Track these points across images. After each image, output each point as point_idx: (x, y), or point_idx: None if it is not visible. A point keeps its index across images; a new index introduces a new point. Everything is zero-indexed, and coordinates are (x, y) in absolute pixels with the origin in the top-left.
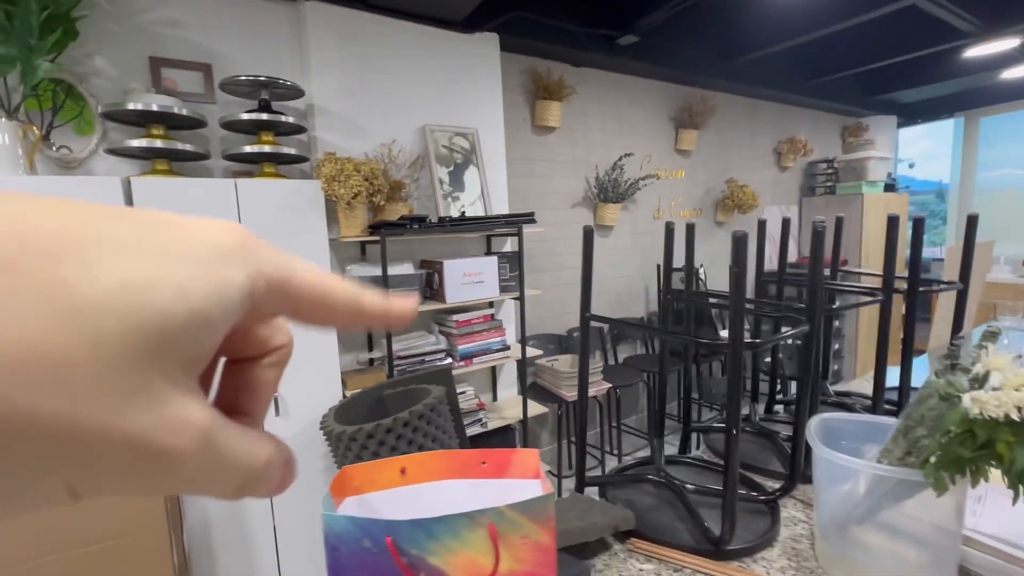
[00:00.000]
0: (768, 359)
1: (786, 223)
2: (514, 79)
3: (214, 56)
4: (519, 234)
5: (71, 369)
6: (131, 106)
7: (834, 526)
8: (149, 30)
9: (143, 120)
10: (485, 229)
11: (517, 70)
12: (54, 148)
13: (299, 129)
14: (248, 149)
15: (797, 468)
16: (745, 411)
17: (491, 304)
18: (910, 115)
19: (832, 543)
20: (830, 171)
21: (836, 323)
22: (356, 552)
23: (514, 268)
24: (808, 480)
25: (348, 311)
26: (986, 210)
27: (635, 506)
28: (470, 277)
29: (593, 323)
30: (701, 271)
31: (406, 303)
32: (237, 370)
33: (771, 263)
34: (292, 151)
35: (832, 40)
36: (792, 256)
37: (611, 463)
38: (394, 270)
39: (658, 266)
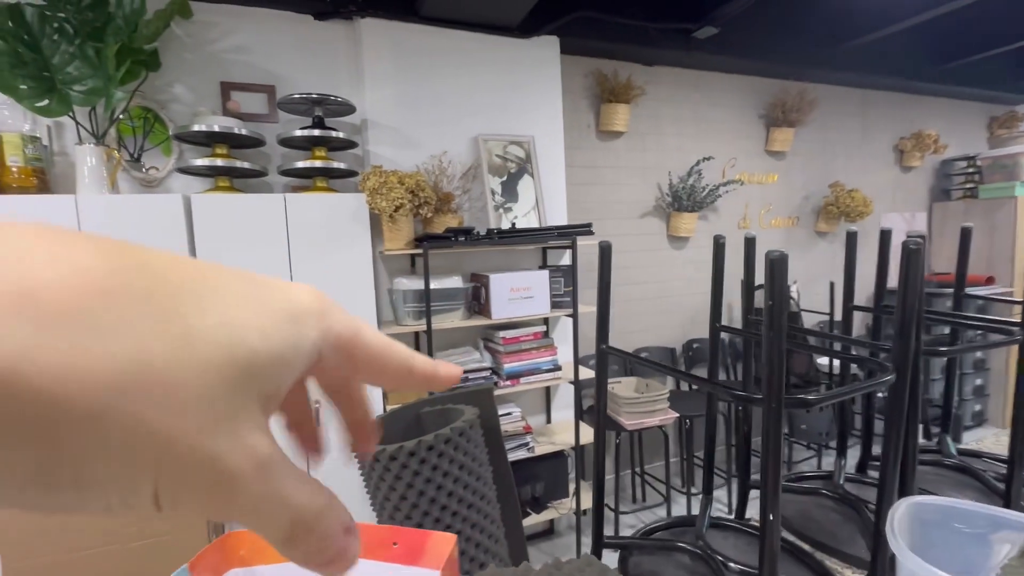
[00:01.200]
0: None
1: (885, 236)
2: (577, 83)
3: (277, 78)
4: (573, 246)
5: (180, 387)
6: (195, 128)
7: None
8: (221, 57)
9: (209, 141)
10: (536, 241)
11: (581, 73)
12: (144, 169)
13: (350, 144)
14: (300, 164)
15: (880, 565)
16: (831, 466)
17: (546, 321)
18: None
19: None
20: (971, 170)
21: (978, 353)
22: None
23: (569, 283)
24: None
25: (400, 371)
26: None
27: None
28: (518, 292)
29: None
30: (794, 289)
31: (452, 369)
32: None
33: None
34: (342, 165)
35: (973, 13)
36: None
37: (679, 502)
38: (441, 283)
39: (742, 283)
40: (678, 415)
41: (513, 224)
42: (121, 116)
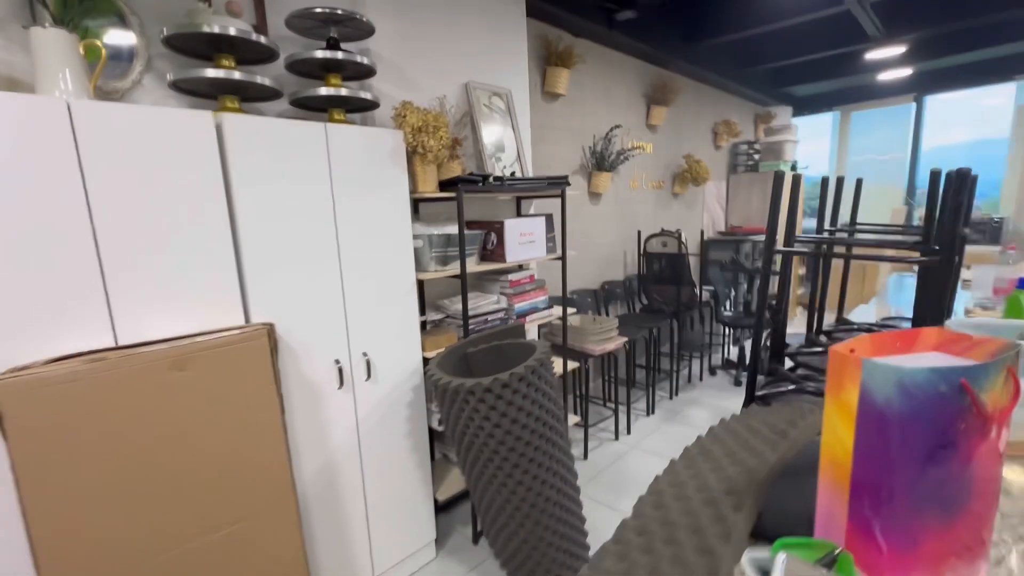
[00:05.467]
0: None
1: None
2: (528, 44)
3: None
4: (562, 196)
5: None
6: (207, 30)
7: None
8: None
9: (211, 49)
10: (539, 190)
11: (532, 35)
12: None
13: (369, 72)
14: (323, 92)
15: None
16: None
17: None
18: (800, 107)
19: None
20: (752, 151)
21: None
22: (932, 397)
23: (550, 229)
24: None
25: None
26: None
27: None
28: (526, 237)
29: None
30: (684, 236)
31: None
32: None
33: (710, 230)
34: (368, 96)
35: (767, 35)
36: (720, 226)
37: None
38: (441, 230)
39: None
40: (627, 339)
41: (512, 173)
42: None
